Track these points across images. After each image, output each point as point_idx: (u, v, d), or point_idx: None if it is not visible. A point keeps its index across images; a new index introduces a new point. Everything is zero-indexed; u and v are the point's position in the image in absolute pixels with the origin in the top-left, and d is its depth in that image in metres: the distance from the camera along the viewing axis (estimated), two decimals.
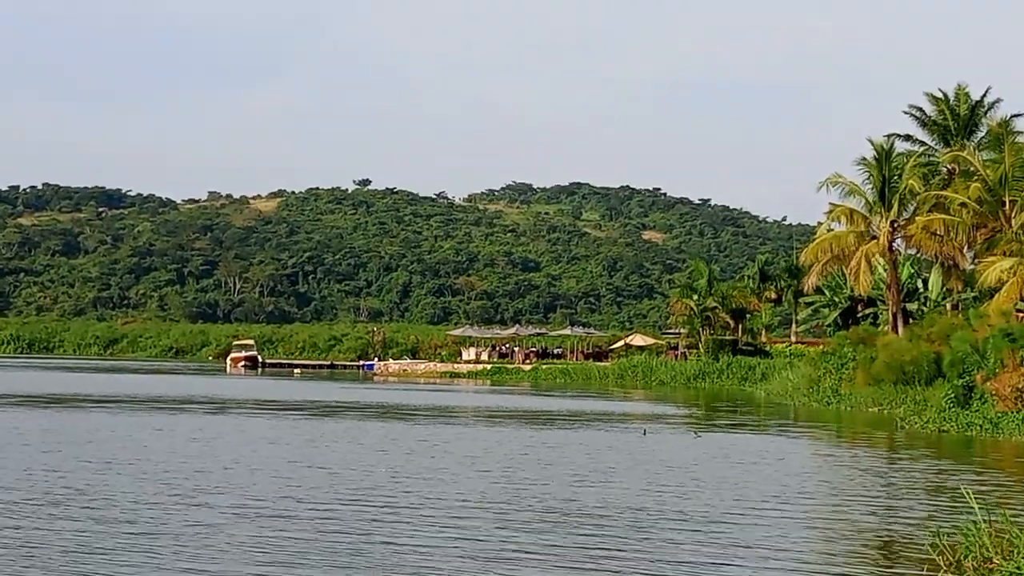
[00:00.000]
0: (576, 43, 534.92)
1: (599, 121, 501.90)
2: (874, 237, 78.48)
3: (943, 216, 74.53)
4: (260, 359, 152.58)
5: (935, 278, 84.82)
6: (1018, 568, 16.01)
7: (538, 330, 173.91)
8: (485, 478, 30.32)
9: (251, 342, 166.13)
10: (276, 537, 20.28)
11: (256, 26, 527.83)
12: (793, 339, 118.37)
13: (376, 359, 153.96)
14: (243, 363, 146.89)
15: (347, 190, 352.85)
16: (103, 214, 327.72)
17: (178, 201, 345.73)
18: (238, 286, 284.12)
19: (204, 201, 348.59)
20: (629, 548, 19.81)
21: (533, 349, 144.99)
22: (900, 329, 75.35)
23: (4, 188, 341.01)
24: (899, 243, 79.96)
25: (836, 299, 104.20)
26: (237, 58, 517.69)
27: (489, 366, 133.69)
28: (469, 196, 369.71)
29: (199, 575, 17.16)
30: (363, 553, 18.95)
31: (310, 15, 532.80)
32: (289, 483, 28.04)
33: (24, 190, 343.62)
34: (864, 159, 79.50)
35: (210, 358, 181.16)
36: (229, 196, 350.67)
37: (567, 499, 26.19)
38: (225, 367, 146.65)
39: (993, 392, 50.83)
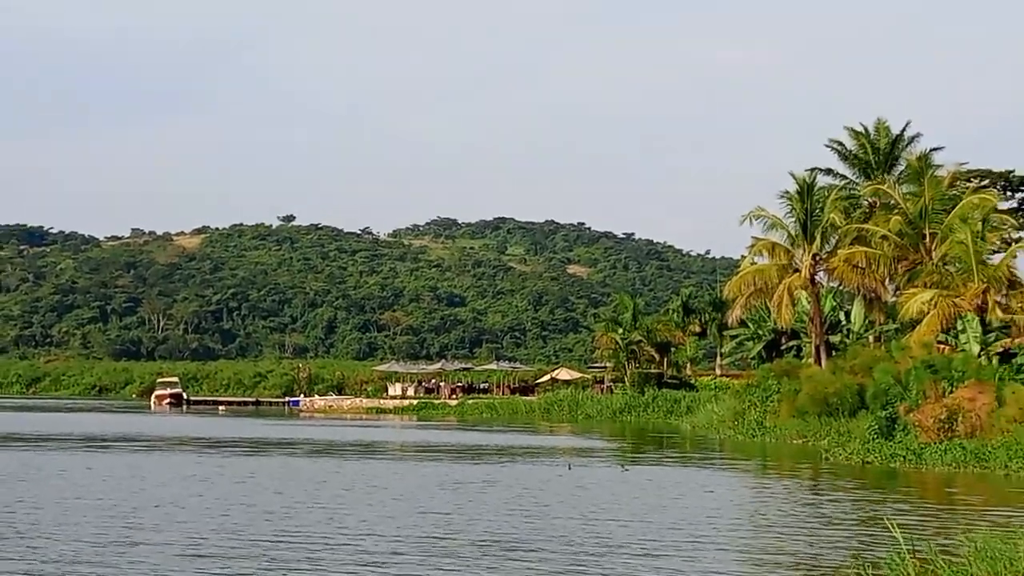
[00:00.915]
0: (498, 75, 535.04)
1: (523, 155, 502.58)
2: (797, 270, 78.98)
3: (864, 249, 75.17)
4: (185, 396, 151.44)
5: (857, 310, 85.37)
6: None
7: (464, 365, 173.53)
8: (419, 513, 30.41)
9: (175, 379, 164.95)
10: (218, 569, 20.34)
11: (175, 58, 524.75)
12: (718, 372, 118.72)
13: (301, 396, 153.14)
14: (168, 400, 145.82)
15: (271, 226, 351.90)
16: (24, 252, 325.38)
17: (101, 238, 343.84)
18: (162, 323, 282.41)
19: (127, 238, 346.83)
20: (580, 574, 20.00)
21: (459, 384, 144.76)
22: (823, 361, 75.82)
23: None
24: (821, 276, 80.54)
25: (760, 332, 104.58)
26: (157, 91, 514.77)
27: (415, 401, 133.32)
28: (394, 231, 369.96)
29: None
30: None
31: (232, 48, 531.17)
32: (222, 521, 28.04)
33: None
34: (786, 193, 79.98)
35: (134, 396, 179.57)
36: (152, 233, 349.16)
37: (501, 532, 26.36)
38: (149, 405, 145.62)
39: (916, 423, 51.35)
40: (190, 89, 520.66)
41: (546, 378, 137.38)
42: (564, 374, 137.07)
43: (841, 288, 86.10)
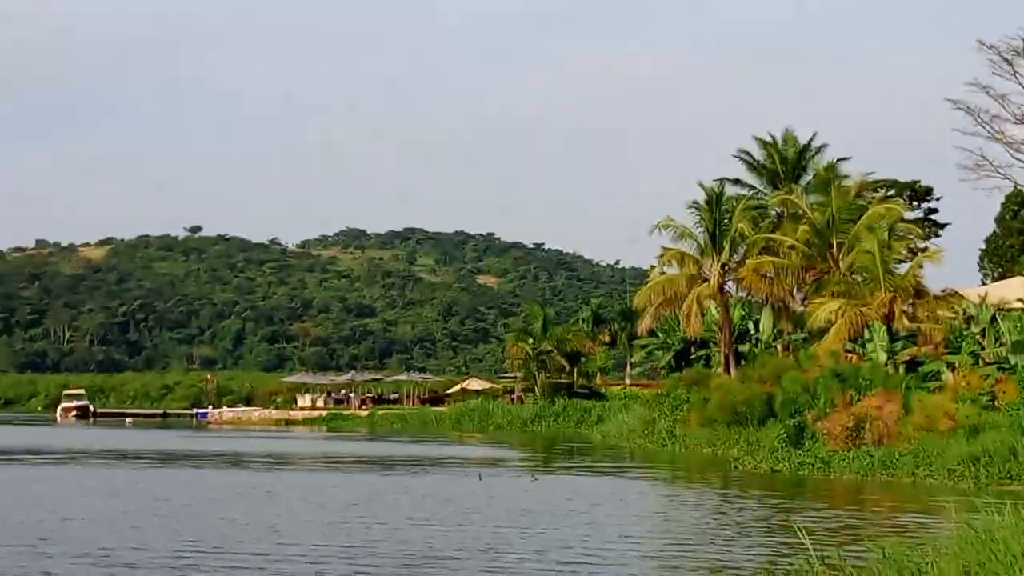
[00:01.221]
0: (408, 85, 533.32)
1: (431, 166, 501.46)
2: (705, 280, 79.30)
3: (773, 259, 75.53)
4: (91, 408, 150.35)
5: (766, 320, 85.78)
6: None
7: (374, 376, 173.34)
8: (335, 525, 30.41)
9: (82, 391, 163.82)
10: None
11: (76, 64, 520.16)
12: (628, 381, 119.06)
13: (210, 407, 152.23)
14: (74, 413, 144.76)
15: (178, 237, 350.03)
16: None
17: (4, 249, 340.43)
18: (67, 335, 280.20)
19: (31, 249, 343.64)
20: None
21: (369, 395, 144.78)
22: (732, 370, 76.17)
23: None
24: (730, 286, 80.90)
25: (669, 341, 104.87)
26: (58, 100, 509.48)
27: (325, 412, 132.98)
28: (302, 242, 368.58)
29: None
30: None
31: (138, 53, 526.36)
32: (131, 535, 27.95)
33: None
34: (695, 203, 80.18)
35: (39, 408, 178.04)
36: (57, 244, 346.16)
37: (417, 543, 26.43)
38: (55, 417, 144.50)
39: (824, 432, 51.76)
40: (94, 96, 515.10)
41: (456, 388, 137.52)
42: (474, 384, 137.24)
43: (750, 298, 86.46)
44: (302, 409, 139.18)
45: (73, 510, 33.78)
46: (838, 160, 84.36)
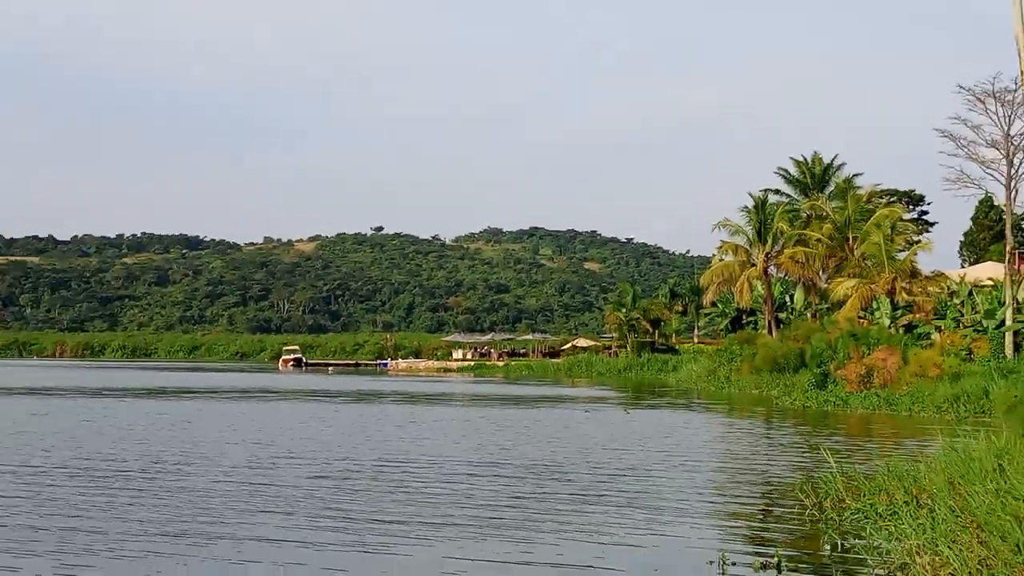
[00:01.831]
0: (535, 108, 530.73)
1: (552, 176, 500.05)
2: (753, 264, 79.07)
3: (804, 249, 75.19)
4: (304, 360, 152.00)
5: (799, 294, 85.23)
6: (863, 507, 16.37)
7: (508, 336, 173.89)
8: (481, 443, 30.49)
9: (296, 348, 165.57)
10: (345, 488, 20.42)
11: (294, 99, 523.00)
12: (695, 340, 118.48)
13: (389, 359, 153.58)
14: (291, 363, 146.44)
15: (366, 234, 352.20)
16: (186, 255, 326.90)
17: (242, 244, 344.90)
18: (286, 307, 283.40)
19: (261, 244, 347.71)
20: (598, 485, 20.07)
21: (505, 350, 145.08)
22: (774, 332, 75.92)
23: (112, 235, 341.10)
24: (772, 269, 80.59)
25: (726, 310, 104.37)
26: (284, 126, 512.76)
27: (472, 363, 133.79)
28: (456, 237, 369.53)
29: (282, 515, 17.25)
30: (405, 490, 19.15)
31: (318, 91, 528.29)
32: (339, 450, 28.16)
33: (127, 237, 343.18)
34: (746, 207, 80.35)
35: (266, 360, 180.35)
36: (279, 240, 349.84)
37: (542, 457, 26.43)
38: (278, 367, 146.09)
39: (843, 377, 51.40)
40: (308, 126, 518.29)
41: (568, 345, 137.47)
42: (582, 342, 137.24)
43: (786, 278, 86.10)
44: (456, 360, 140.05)
45: (296, 433, 34.09)
46: (853, 175, 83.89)
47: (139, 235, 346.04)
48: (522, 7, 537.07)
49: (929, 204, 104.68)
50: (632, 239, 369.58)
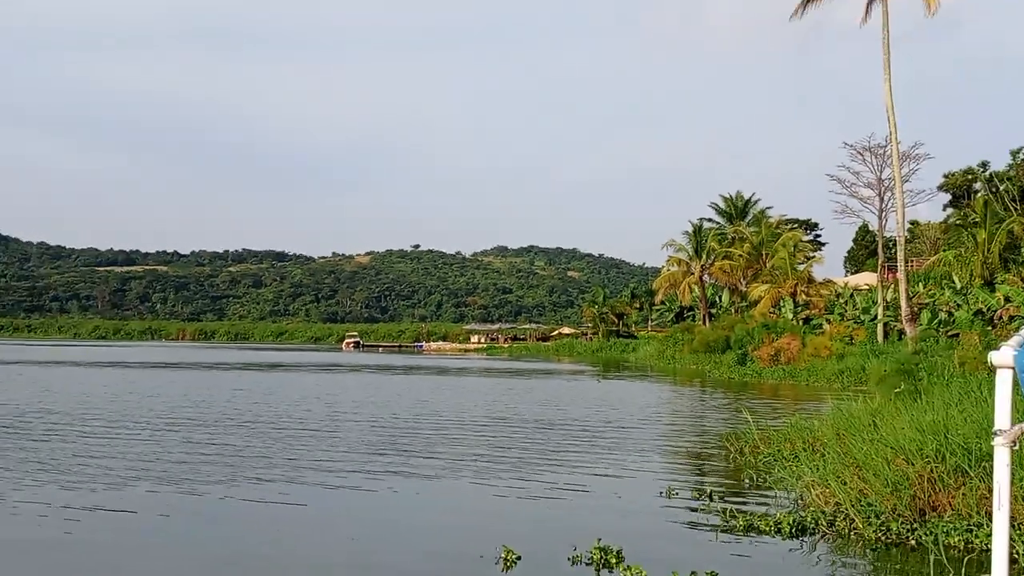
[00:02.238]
0: (532, 161, 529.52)
1: (546, 209, 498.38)
2: (692, 273, 79.15)
3: (729, 262, 75.20)
4: (361, 343, 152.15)
5: (726, 295, 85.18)
6: (773, 452, 16.42)
7: (511, 325, 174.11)
8: (492, 403, 30.53)
9: (356, 334, 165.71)
10: (395, 434, 20.55)
11: (349, 152, 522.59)
12: (649, 329, 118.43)
13: (424, 342, 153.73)
14: (352, 345, 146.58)
15: (407, 250, 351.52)
16: (275, 264, 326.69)
17: (315, 257, 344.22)
18: (348, 303, 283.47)
19: (329, 257, 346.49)
20: (577, 434, 20.19)
21: (509, 336, 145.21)
22: (707, 323, 75.82)
23: (220, 250, 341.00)
24: (706, 277, 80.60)
25: (672, 307, 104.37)
26: (344, 174, 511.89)
27: (485, 345, 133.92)
28: (473, 253, 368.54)
29: (337, 453, 17.34)
30: (441, 436, 19.29)
31: (378, 149, 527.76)
32: (390, 409, 28.25)
33: (231, 251, 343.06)
34: (687, 231, 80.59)
35: (333, 343, 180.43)
36: (343, 254, 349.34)
37: (540, 415, 26.50)
38: (341, 348, 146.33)
39: (757, 357, 51.44)
40: (367, 168, 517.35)
41: (555, 333, 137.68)
42: (566, 330, 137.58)
43: (716, 283, 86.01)
44: (473, 343, 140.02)
45: (354, 397, 34.19)
46: (766, 208, 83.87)
47: (240, 250, 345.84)
48: (530, 93, 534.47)
49: (821, 229, 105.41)
50: (603, 254, 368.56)
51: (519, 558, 9.45)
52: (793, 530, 10.67)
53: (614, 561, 9.26)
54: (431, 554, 10.01)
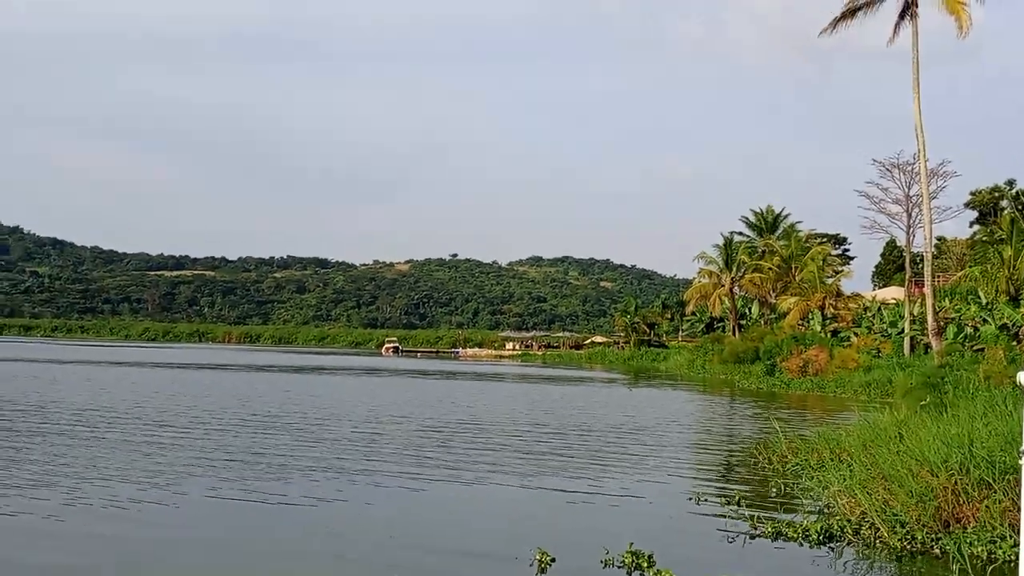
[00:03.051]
0: (564, 173, 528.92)
1: (580, 220, 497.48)
2: (723, 285, 78.70)
3: (759, 275, 74.80)
4: (400, 348, 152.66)
5: (755, 307, 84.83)
6: (800, 461, 16.37)
7: (546, 333, 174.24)
8: (527, 409, 30.55)
9: (395, 339, 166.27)
10: (433, 436, 20.64)
11: (390, 163, 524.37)
12: (680, 339, 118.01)
13: (460, 348, 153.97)
14: (391, 350, 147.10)
15: (445, 259, 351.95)
16: (318, 271, 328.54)
17: (357, 265, 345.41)
18: (389, 310, 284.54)
19: (371, 265, 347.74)
20: (609, 441, 20.19)
21: (543, 343, 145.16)
22: (737, 334, 75.39)
23: (266, 256, 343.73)
24: (736, 289, 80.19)
25: (703, 318, 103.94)
26: (385, 186, 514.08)
27: (519, 352, 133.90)
28: (509, 263, 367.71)
29: (371, 453, 17.47)
30: (480, 440, 19.36)
31: (418, 161, 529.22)
32: (430, 411, 28.37)
33: (276, 258, 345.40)
34: (717, 244, 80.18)
35: (373, 347, 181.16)
36: (383, 262, 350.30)
37: (575, 420, 26.54)
38: (381, 352, 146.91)
39: (786, 368, 51.12)
40: (404, 177, 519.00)
41: (588, 341, 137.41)
42: (598, 339, 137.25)
43: (746, 295, 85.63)
44: (508, 350, 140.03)
45: (395, 399, 34.34)
46: (796, 222, 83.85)
47: (285, 257, 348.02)
48: (565, 106, 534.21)
49: (850, 244, 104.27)
50: (636, 265, 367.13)
51: (553, 560, 9.52)
52: (820, 537, 10.66)
53: (645, 565, 9.30)
54: (466, 554, 10.10)
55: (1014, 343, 43.94)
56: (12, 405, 26.76)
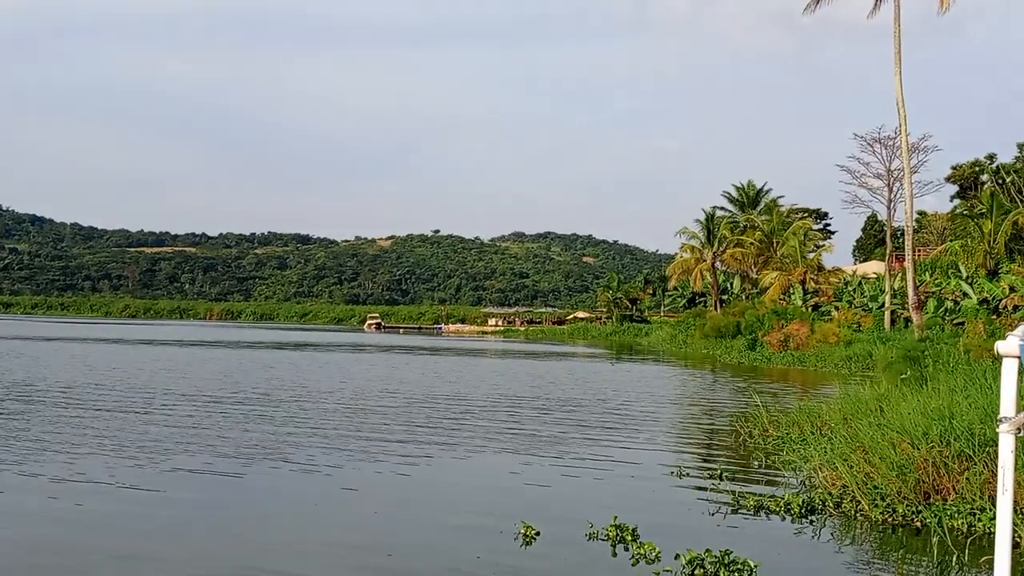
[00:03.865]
0: (551, 152, 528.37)
1: (562, 196, 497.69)
2: (704, 260, 78.92)
3: (741, 249, 75.10)
4: (382, 324, 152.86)
5: (737, 282, 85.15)
6: (782, 435, 16.48)
7: (528, 308, 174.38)
8: (510, 384, 30.61)
9: (377, 315, 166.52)
10: (416, 412, 20.67)
11: (372, 139, 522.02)
12: (662, 314, 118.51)
13: (443, 324, 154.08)
14: (373, 326, 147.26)
15: (427, 235, 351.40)
16: (299, 247, 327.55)
17: (339, 240, 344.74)
18: (370, 286, 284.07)
19: (352, 241, 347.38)
20: (592, 415, 20.27)
21: (526, 319, 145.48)
22: (718, 309, 75.77)
23: (247, 233, 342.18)
24: (718, 264, 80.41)
25: (684, 293, 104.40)
26: (367, 162, 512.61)
27: (502, 328, 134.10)
28: (491, 238, 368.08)
29: (358, 431, 17.48)
30: (461, 420, 19.40)
31: (400, 137, 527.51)
32: (412, 386, 28.37)
33: (258, 234, 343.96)
34: (699, 220, 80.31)
35: (355, 324, 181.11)
36: (365, 238, 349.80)
37: (558, 393, 26.62)
38: (363, 328, 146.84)
39: (767, 342, 51.37)
40: (408, 159, 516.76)
41: (571, 316, 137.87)
42: (580, 314, 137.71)
43: (728, 270, 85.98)
44: (490, 326, 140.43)
45: (381, 375, 34.34)
46: (777, 197, 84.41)
47: (266, 233, 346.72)
48: (548, 83, 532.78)
49: (831, 218, 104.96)
50: (618, 240, 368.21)
51: (538, 534, 9.56)
52: (802, 511, 10.74)
53: (629, 538, 9.35)
54: (452, 529, 10.12)
55: (994, 316, 44.23)
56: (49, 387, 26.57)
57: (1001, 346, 3.58)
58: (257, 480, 12.66)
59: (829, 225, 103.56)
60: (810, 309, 62.07)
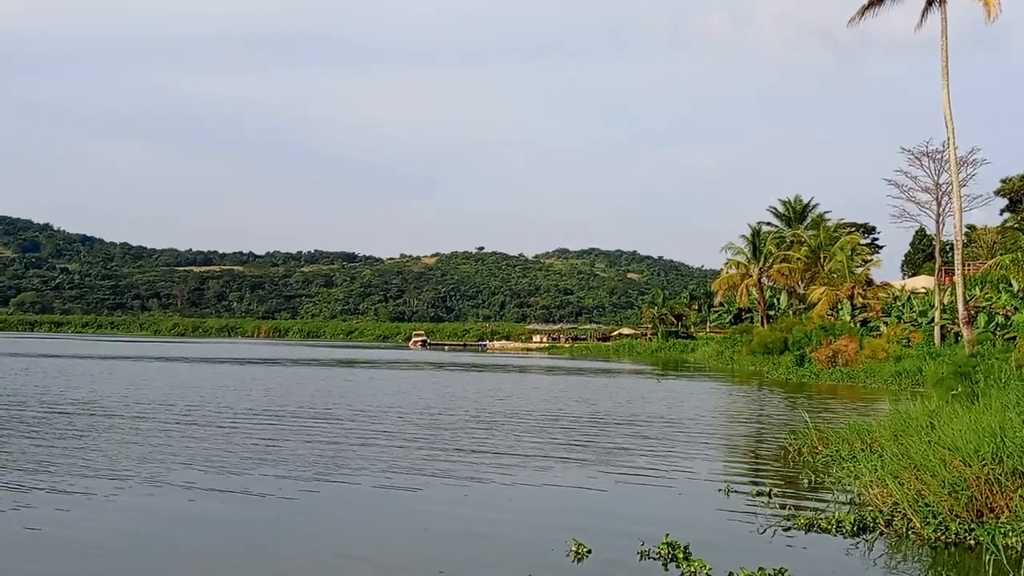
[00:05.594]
0: (594, 169, 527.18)
1: (606, 212, 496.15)
2: (751, 276, 78.31)
3: (787, 265, 74.58)
4: (427, 341, 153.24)
5: (784, 298, 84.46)
6: (831, 452, 16.41)
7: (572, 325, 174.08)
8: (557, 401, 30.63)
9: (423, 332, 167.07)
10: (469, 429, 20.81)
11: (417, 157, 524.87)
12: (708, 330, 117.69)
13: (487, 341, 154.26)
14: (419, 343, 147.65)
15: (472, 252, 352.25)
16: (345, 265, 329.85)
17: (384, 258, 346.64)
18: (415, 303, 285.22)
19: (397, 259, 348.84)
20: (640, 431, 20.29)
21: (570, 335, 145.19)
22: (765, 325, 75.14)
23: (293, 252, 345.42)
24: (764, 279, 79.86)
25: (730, 309, 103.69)
26: (412, 181, 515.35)
27: (547, 345, 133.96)
28: (535, 255, 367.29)
29: (389, 437, 17.63)
30: (513, 432, 19.50)
31: (445, 155, 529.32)
32: (454, 400, 28.54)
33: (304, 253, 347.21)
34: (745, 235, 79.83)
35: (400, 340, 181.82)
36: (410, 255, 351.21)
37: (605, 411, 26.65)
38: (408, 345, 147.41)
39: (815, 358, 50.92)
40: (442, 179, 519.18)
41: (616, 333, 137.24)
42: (625, 330, 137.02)
43: (775, 286, 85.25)
44: (535, 343, 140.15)
45: (422, 391, 34.52)
46: (824, 212, 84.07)
47: (313, 251, 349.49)
48: (590, 101, 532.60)
49: (879, 233, 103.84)
50: (663, 256, 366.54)
51: (589, 551, 9.65)
52: (854, 528, 10.73)
53: (681, 556, 9.41)
54: (503, 544, 10.24)
55: None
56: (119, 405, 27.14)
57: None
58: (315, 498, 12.87)
59: (877, 239, 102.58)
60: (859, 324, 61.43)
